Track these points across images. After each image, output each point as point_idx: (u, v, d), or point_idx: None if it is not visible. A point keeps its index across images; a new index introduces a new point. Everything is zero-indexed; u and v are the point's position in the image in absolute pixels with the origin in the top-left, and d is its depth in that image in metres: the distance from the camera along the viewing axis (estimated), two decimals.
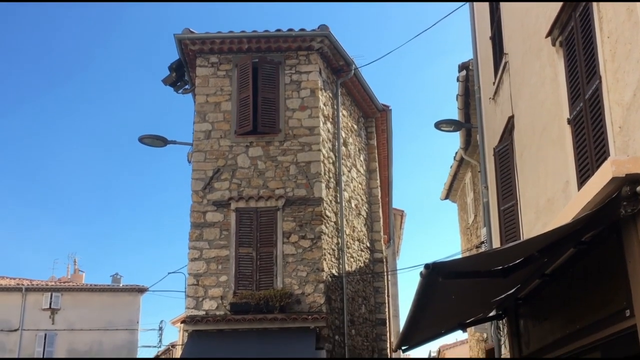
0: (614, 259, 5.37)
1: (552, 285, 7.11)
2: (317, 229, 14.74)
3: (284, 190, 15.01)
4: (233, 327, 14.04)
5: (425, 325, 7.74)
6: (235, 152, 15.32)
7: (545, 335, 7.49)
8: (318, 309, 14.20)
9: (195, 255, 14.75)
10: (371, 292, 17.94)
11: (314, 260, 14.57)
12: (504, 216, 9.70)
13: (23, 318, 33.88)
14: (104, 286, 37.00)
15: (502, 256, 5.77)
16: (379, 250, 18.72)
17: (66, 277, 39.52)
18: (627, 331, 5.22)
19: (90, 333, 34.32)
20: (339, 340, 15.17)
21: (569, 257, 6.37)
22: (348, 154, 17.21)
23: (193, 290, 14.59)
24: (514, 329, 8.93)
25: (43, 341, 33.88)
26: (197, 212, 15.00)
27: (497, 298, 8.11)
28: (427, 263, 5.07)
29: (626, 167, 4.57)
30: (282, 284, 14.41)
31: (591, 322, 5.93)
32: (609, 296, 5.55)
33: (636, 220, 4.83)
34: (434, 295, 5.92)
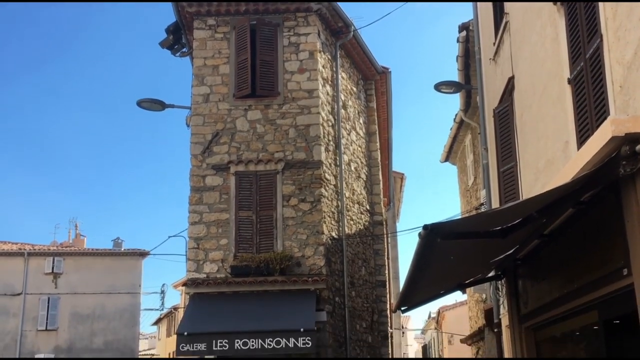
0: (612, 218, 5.38)
1: (551, 245, 7.15)
2: (316, 192, 14.77)
3: (283, 154, 14.99)
4: (234, 289, 14.15)
5: (425, 285, 7.79)
6: (234, 116, 15.26)
7: (543, 295, 7.55)
8: (318, 271, 14.29)
9: (195, 219, 14.79)
10: (371, 255, 18.05)
11: (313, 223, 14.62)
12: (503, 178, 9.70)
13: (26, 282, 34.14)
14: (106, 250, 37.20)
15: (501, 216, 5.78)
16: (378, 212, 18.78)
17: (68, 242, 39.71)
18: (624, 290, 5.26)
19: (92, 296, 34.61)
20: (339, 302, 15.31)
21: (567, 218, 6.39)
22: (347, 116, 17.14)
23: (194, 253, 14.67)
24: (513, 289, 9.00)
25: (46, 305, 34.20)
26: (196, 176, 15.00)
27: (496, 259, 8.15)
28: (426, 224, 5.08)
29: (626, 126, 4.55)
30: (282, 246, 14.48)
31: (589, 281, 5.97)
32: (606, 256, 5.58)
33: (635, 180, 4.83)
34: (432, 256, 5.94)
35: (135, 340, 36.91)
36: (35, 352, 33.65)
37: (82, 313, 34.72)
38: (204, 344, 12.79)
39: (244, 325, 13.10)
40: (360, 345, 16.30)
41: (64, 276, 34.83)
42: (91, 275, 34.91)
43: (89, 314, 34.83)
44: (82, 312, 34.70)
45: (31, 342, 33.82)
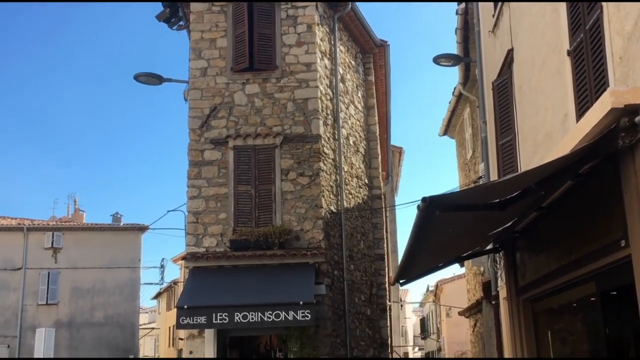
0: (610, 190, 5.39)
1: (549, 218, 7.17)
2: (315, 166, 14.76)
3: (281, 128, 14.96)
4: (233, 263, 14.21)
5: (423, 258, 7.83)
6: (231, 90, 15.19)
7: (541, 267, 7.59)
8: (317, 245, 14.34)
9: (194, 194, 14.81)
10: (369, 228, 18.10)
11: (312, 197, 14.64)
12: (502, 151, 9.70)
13: (26, 257, 34.25)
14: (105, 225, 37.26)
15: (499, 189, 5.79)
16: (377, 186, 18.79)
17: (67, 217, 39.74)
18: (621, 261, 5.28)
19: (92, 271, 34.74)
20: (337, 275, 15.39)
21: (566, 190, 6.39)
22: (346, 90, 17.07)
23: (193, 227, 14.71)
24: (511, 261, 9.05)
25: (46, 279, 34.36)
26: (194, 150, 14.98)
27: (494, 231, 8.18)
28: (425, 196, 5.08)
29: (625, 97, 4.54)
30: (281, 220, 14.51)
31: (587, 253, 6.00)
32: (604, 227, 5.60)
33: (634, 152, 4.82)
34: (431, 229, 5.95)
35: (136, 314, 37.15)
36: (36, 325, 33.89)
37: (82, 287, 34.89)
38: (203, 317, 12.86)
39: (244, 299, 13.18)
40: (359, 318, 16.42)
41: (63, 251, 34.93)
42: (91, 250, 35.00)
43: (89, 289, 35.00)
44: (82, 286, 34.87)
45: (32, 316, 34.05)
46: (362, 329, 16.60)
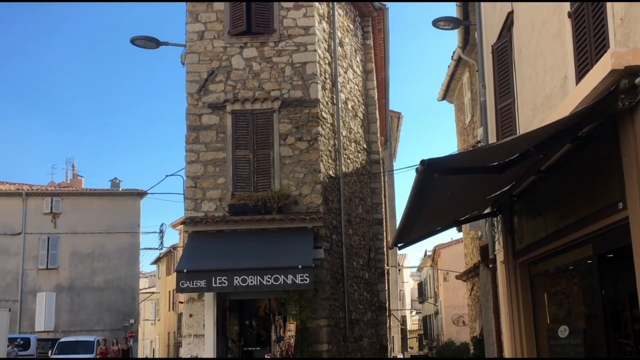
0: (609, 153, 5.38)
1: (547, 181, 7.17)
2: (313, 131, 14.72)
3: (279, 92, 14.89)
4: (232, 227, 14.27)
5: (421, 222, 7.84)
6: (229, 54, 15.07)
7: (539, 231, 7.63)
8: (315, 210, 14.39)
9: (192, 158, 14.79)
10: (368, 193, 18.14)
11: (310, 161, 14.63)
12: (500, 115, 9.66)
13: (25, 222, 34.30)
14: (104, 190, 37.26)
15: (498, 152, 5.78)
16: (375, 151, 18.77)
17: (65, 182, 39.72)
18: (619, 224, 5.30)
19: (92, 236, 34.84)
20: (336, 240, 15.46)
21: (564, 153, 6.39)
22: (344, 54, 16.94)
23: (191, 192, 14.73)
24: (508, 225, 9.08)
25: (46, 244, 34.47)
26: (192, 114, 14.93)
27: (492, 195, 8.19)
28: (423, 159, 5.08)
29: (625, 59, 4.50)
30: (280, 185, 14.53)
31: (584, 215, 6.02)
32: (602, 190, 5.60)
33: (633, 114, 4.81)
34: (429, 192, 5.96)
35: (136, 279, 37.40)
36: (37, 290, 34.14)
37: (82, 252, 35.04)
38: (203, 281, 12.97)
39: (243, 263, 13.27)
40: (357, 282, 16.56)
41: (62, 216, 34.99)
42: (90, 215, 35.07)
43: (89, 253, 35.17)
44: (82, 251, 35.02)
45: (32, 280, 34.28)
46: (360, 292, 16.75)
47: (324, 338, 13.89)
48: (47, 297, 34.11)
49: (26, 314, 33.73)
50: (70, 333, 31.64)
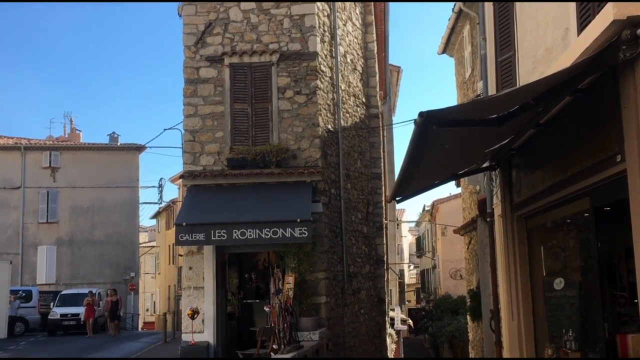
0: (608, 106, 5.35)
1: (546, 134, 7.15)
2: (312, 84, 14.61)
3: (278, 45, 14.72)
4: (230, 181, 14.27)
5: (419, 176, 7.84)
6: (227, 5, 14.84)
7: (536, 184, 7.64)
8: (314, 164, 14.38)
9: (190, 112, 14.71)
10: (367, 147, 18.11)
11: (309, 115, 14.56)
12: (501, 68, 9.57)
13: (24, 176, 34.35)
14: (103, 145, 37.21)
15: (497, 103, 5.73)
16: (374, 105, 18.68)
17: (63, 137, 39.61)
18: (616, 176, 5.30)
19: (91, 190, 34.92)
20: (334, 194, 15.50)
21: (564, 106, 6.35)
22: (343, 6, 16.69)
23: (190, 146, 14.69)
24: (507, 179, 9.09)
25: (46, 198, 34.58)
26: (190, 68, 14.79)
27: (491, 148, 8.17)
28: (422, 111, 5.04)
29: (628, 9, 4.44)
30: (278, 139, 14.49)
31: (582, 168, 6.02)
32: (601, 143, 5.59)
33: (634, 65, 4.76)
34: (428, 145, 5.94)
35: (136, 233, 37.65)
36: (38, 243, 34.39)
37: (82, 206, 35.18)
38: (202, 234, 13.03)
39: (242, 216, 13.32)
40: (355, 236, 16.66)
41: (61, 170, 35.02)
42: (89, 170, 35.09)
43: (89, 207, 35.31)
44: (81, 205, 35.15)
45: (33, 234, 34.49)
46: (359, 246, 16.87)
47: (322, 290, 14.04)
48: (47, 250, 34.38)
49: (28, 267, 34.05)
50: (72, 286, 31.99)
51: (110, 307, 25.24)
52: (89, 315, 24.59)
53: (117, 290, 26.82)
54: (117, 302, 25.38)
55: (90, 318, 24.52)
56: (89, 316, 24.58)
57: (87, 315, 24.64)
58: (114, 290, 26.51)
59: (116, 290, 26.61)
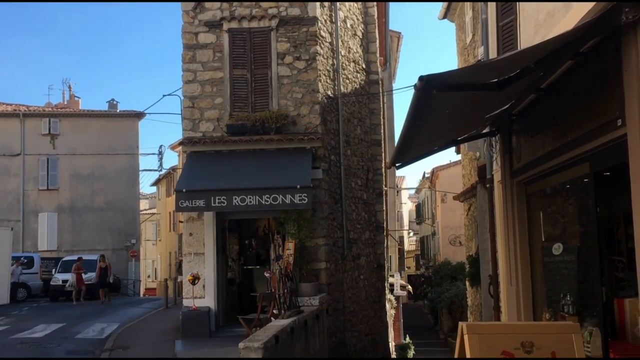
0: (610, 69, 5.31)
1: (547, 99, 7.10)
2: (311, 50, 14.50)
3: (277, 10, 14.56)
4: (230, 148, 14.26)
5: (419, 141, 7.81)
6: None
7: (536, 149, 7.61)
8: (314, 130, 14.34)
9: (189, 78, 14.63)
10: (367, 114, 18.05)
11: (309, 81, 14.48)
12: (502, 32, 9.48)
13: (24, 143, 34.29)
14: (102, 112, 37.06)
15: (498, 67, 5.68)
16: (374, 71, 18.56)
17: (62, 104, 39.42)
18: (617, 141, 5.28)
19: (91, 157, 34.88)
20: (334, 160, 15.49)
21: (565, 71, 6.30)
22: None
23: (189, 112, 14.64)
24: (507, 144, 9.06)
25: (46, 165, 34.56)
26: (188, 33, 14.66)
27: (491, 114, 8.12)
28: (422, 75, 5.00)
29: None
30: (278, 105, 14.43)
31: (582, 133, 5.99)
32: (602, 107, 5.56)
33: (636, 28, 4.71)
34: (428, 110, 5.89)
35: (136, 200, 37.71)
36: (38, 210, 34.48)
37: (82, 173, 35.18)
38: (202, 201, 13.06)
39: (242, 183, 13.33)
40: (355, 202, 16.69)
41: (61, 137, 34.94)
42: (88, 137, 35.02)
43: (89, 174, 35.31)
44: (81, 172, 35.15)
45: (33, 201, 34.56)
46: (358, 212, 16.92)
47: (322, 256, 14.12)
48: (48, 217, 34.49)
49: (29, 234, 34.19)
50: (73, 252, 32.13)
51: (99, 274, 24.88)
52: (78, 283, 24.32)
53: (106, 257, 26.43)
54: (106, 268, 24.93)
55: (79, 286, 24.28)
56: (78, 284, 24.31)
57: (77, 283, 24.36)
58: (103, 256, 26.16)
59: (105, 257, 26.21)
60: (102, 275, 24.83)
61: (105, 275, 24.93)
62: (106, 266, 24.98)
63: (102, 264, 24.96)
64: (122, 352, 12.56)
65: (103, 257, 25.91)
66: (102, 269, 24.82)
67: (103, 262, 25.15)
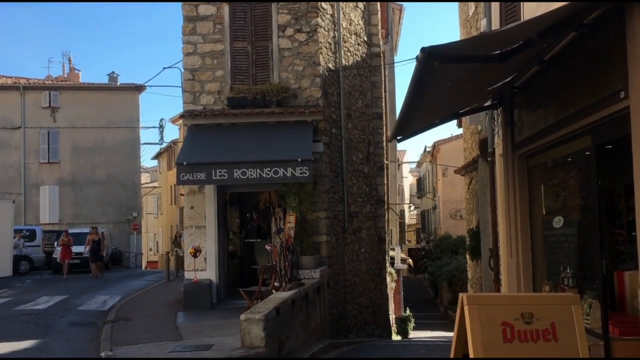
0: (613, 41, 5.27)
1: (549, 72, 7.06)
2: (312, 22, 14.39)
3: None
4: (231, 121, 14.22)
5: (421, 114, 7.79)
6: None
7: (538, 122, 7.59)
8: (315, 103, 14.29)
9: (189, 50, 14.53)
10: (368, 87, 17.96)
11: (310, 54, 14.39)
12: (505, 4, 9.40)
13: (24, 116, 34.21)
14: (102, 85, 36.91)
15: (501, 38, 5.64)
16: (376, 44, 18.43)
17: (62, 76, 39.26)
18: (620, 113, 5.26)
19: (92, 130, 34.82)
20: (335, 134, 15.46)
21: (568, 43, 6.25)
22: None
23: (190, 85, 14.58)
24: (508, 117, 9.03)
25: (46, 138, 34.51)
26: (188, 4, 14.54)
27: (493, 86, 8.09)
28: (424, 46, 4.96)
29: None
30: (279, 78, 14.36)
31: (585, 105, 5.97)
32: (604, 80, 5.52)
33: None
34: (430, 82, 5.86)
35: (137, 173, 37.75)
36: (40, 183, 34.51)
37: (83, 146, 35.16)
38: (203, 174, 13.05)
39: (242, 156, 13.31)
40: (356, 176, 16.69)
41: (61, 110, 34.85)
42: (89, 110, 34.92)
43: (90, 147, 35.28)
44: (82, 145, 35.12)
45: (35, 174, 34.59)
46: (359, 186, 16.93)
47: (323, 229, 14.16)
48: (50, 190, 34.53)
49: (30, 207, 34.26)
50: (75, 225, 32.24)
51: (91, 247, 23.37)
52: (64, 256, 23.07)
53: (98, 228, 25.04)
54: (99, 241, 23.56)
55: (65, 259, 23.02)
56: (65, 257, 23.06)
57: (63, 256, 23.13)
58: (95, 228, 24.66)
59: (97, 228, 24.80)
60: (95, 248, 23.42)
61: (99, 248, 23.62)
62: (99, 239, 23.61)
63: (93, 237, 23.49)
64: (125, 323, 12.66)
65: (95, 229, 24.44)
66: (95, 242, 23.38)
67: (95, 234, 23.68)
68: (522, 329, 4.42)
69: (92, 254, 23.42)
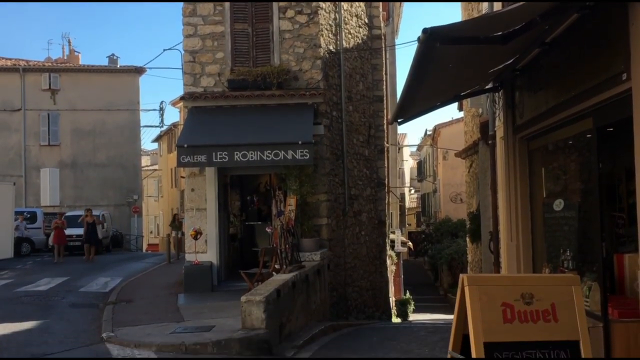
0: (616, 23, 5.23)
1: (551, 54, 7.02)
2: (313, 3, 14.31)
3: None
4: (231, 103, 14.19)
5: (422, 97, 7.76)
6: None
7: (540, 105, 7.56)
8: (315, 85, 14.25)
9: (190, 32, 14.47)
10: (369, 70, 17.90)
11: (311, 36, 14.32)
12: None
13: (24, 98, 34.14)
14: (102, 67, 36.81)
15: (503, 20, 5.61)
16: (377, 26, 18.35)
17: (62, 58, 39.16)
18: (621, 95, 5.24)
19: (92, 113, 34.78)
20: (336, 116, 15.43)
21: (570, 24, 6.21)
22: None
23: (190, 67, 14.53)
24: (509, 100, 8.99)
25: (47, 121, 34.49)
26: None
27: (495, 69, 8.05)
28: (425, 27, 4.93)
29: None
30: (279, 60, 14.31)
31: (586, 88, 5.94)
32: (607, 61, 5.50)
33: None
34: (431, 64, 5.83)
35: (138, 156, 37.76)
36: (40, 166, 34.52)
37: (83, 129, 35.13)
38: (203, 156, 13.04)
39: (243, 138, 13.29)
40: (357, 158, 16.69)
41: (61, 93, 34.78)
42: (89, 92, 34.85)
43: (90, 130, 35.26)
44: (83, 128, 35.10)
45: (35, 156, 34.59)
46: (360, 169, 16.93)
47: (323, 212, 14.18)
48: (50, 172, 34.55)
49: (31, 189, 34.30)
50: (76, 208, 32.29)
51: (86, 229, 22.88)
52: (58, 240, 22.40)
53: (92, 210, 24.57)
54: (93, 223, 23.02)
55: (60, 243, 22.39)
56: (59, 241, 22.39)
57: (56, 239, 22.45)
58: (90, 210, 24.23)
59: (91, 210, 24.31)
60: (89, 230, 22.88)
61: (93, 230, 23.07)
62: (93, 221, 23.06)
63: (88, 219, 22.95)
64: (126, 305, 12.72)
65: (90, 210, 23.97)
66: (89, 224, 22.83)
67: (90, 216, 23.15)
68: (522, 310, 4.44)
69: (86, 235, 23.06)
